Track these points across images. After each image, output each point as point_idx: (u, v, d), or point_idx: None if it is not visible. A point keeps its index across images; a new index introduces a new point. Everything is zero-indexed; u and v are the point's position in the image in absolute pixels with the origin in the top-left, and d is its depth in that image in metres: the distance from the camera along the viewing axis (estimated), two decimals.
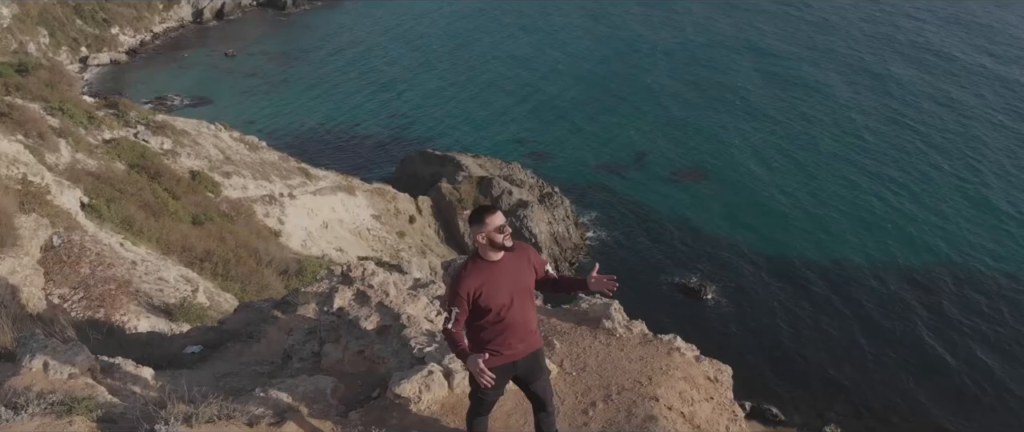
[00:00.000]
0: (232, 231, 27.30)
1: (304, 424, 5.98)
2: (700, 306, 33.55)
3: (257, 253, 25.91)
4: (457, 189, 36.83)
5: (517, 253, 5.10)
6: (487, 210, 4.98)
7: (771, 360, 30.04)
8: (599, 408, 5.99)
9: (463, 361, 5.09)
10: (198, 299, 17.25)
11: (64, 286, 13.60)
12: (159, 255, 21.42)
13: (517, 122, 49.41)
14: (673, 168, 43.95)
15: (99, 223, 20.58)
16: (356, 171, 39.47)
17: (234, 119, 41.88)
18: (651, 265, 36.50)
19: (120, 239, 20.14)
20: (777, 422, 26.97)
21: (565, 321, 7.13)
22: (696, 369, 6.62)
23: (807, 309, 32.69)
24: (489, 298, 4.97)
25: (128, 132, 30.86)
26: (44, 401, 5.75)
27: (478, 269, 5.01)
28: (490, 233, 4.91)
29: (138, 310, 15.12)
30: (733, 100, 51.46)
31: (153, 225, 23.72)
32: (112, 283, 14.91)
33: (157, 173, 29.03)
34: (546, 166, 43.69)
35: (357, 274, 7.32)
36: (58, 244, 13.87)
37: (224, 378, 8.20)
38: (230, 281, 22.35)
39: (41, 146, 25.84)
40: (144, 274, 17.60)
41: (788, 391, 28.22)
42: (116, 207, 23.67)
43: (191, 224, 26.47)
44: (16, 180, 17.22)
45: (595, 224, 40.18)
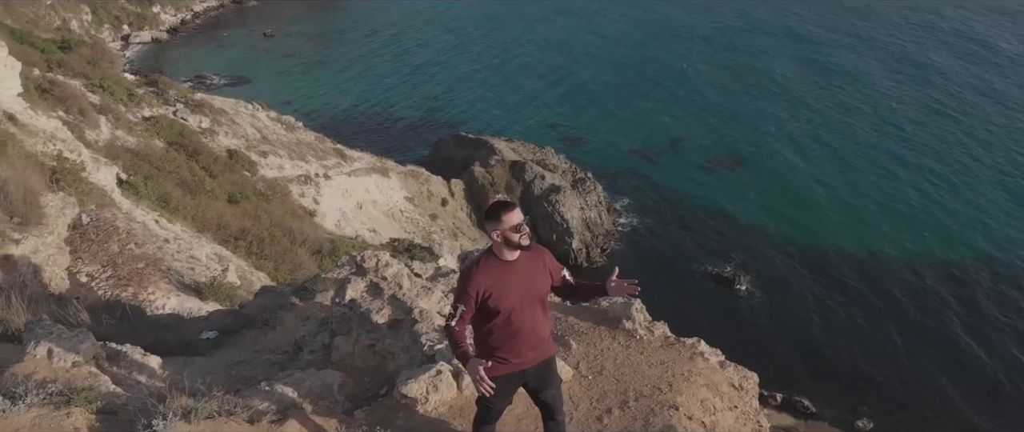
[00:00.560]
0: (267, 210, 27.29)
1: (307, 422, 5.69)
2: (733, 296, 32.94)
3: (291, 232, 25.86)
4: (490, 173, 36.49)
5: (533, 255, 4.74)
6: (504, 206, 4.61)
7: (803, 352, 29.41)
8: (615, 415, 5.62)
9: (463, 365, 4.71)
10: (228, 278, 17.12)
11: (92, 264, 13.51)
12: (194, 233, 21.40)
13: (550, 106, 48.86)
14: (708, 155, 43.15)
15: (136, 200, 20.58)
16: (390, 153, 39.29)
17: (271, 99, 41.90)
18: (683, 253, 35.92)
19: (155, 216, 20.12)
20: (808, 415, 26.43)
21: (583, 320, 6.76)
22: (720, 375, 6.21)
23: (840, 302, 31.91)
24: (499, 299, 4.61)
25: (167, 110, 30.95)
26: (43, 391, 5.52)
27: (490, 267, 4.65)
28: (506, 231, 4.56)
29: (169, 288, 15.01)
30: (770, 87, 50.38)
31: (189, 203, 23.73)
32: (141, 261, 14.80)
33: (195, 151, 29.08)
34: (579, 151, 43.14)
35: (371, 265, 7.00)
36: (87, 222, 13.77)
37: (237, 366, 7.97)
38: (264, 260, 22.30)
39: (82, 123, 25.95)
40: (176, 252, 17.50)
41: (820, 384, 27.59)
42: (153, 184, 23.70)
43: (227, 202, 26.48)
44: (52, 156, 17.19)
45: (628, 210, 39.61)
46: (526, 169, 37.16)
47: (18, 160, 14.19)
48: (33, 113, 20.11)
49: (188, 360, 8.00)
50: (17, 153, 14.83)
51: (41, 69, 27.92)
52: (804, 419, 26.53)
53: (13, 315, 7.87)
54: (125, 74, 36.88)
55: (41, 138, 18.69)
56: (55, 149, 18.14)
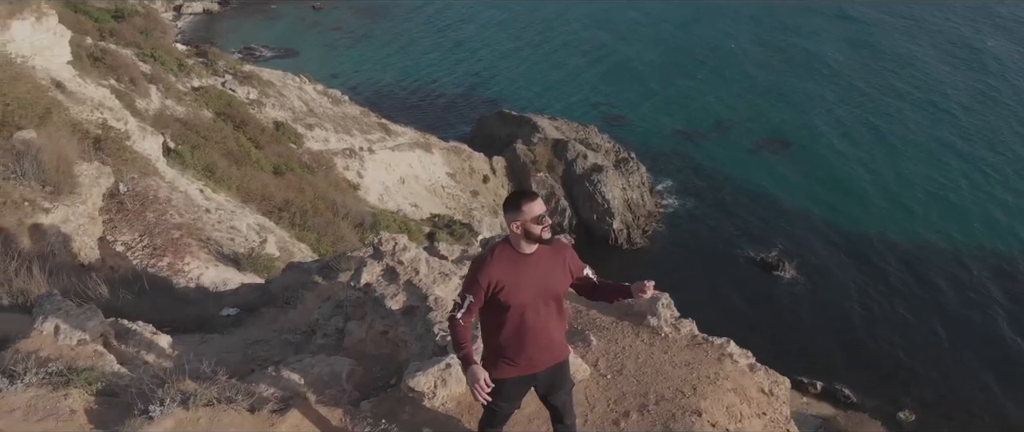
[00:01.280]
0: (311, 182, 27.28)
1: (309, 412, 5.38)
2: (775, 282, 32.14)
3: (334, 205, 25.82)
4: (532, 151, 35.98)
5: (553, 250, 4.31)
6: (525, 196, 4.20)
7: (845, 341, 28.59)
8: (632, 419, 5.19)
9: (462, 369, 4.31)
10: (267, 249, 17.02)
11: (128, 234, 13.42)
12: (238, 203, 21.39)
13: (593, 85, 47.97)
14: (754, 137, 42.04)
15: (181, 169, 20.59)
16: (432, 128, 38.95)
17: (318, 72, 41.80)
18: (726, 237, 35.12)
19: (200, 186, 20.11)
20: (849, 404, 25.71)
21: (606, 314, 6.31)
22: (749, 379, 5.74)
23: (884, 291, 30.93)
24: (510, 293, 4.20)
25: (216, 81, 31.03)
26: (43, 370, 5.29)
27: (505, 258, 4.23)
28: (526, 223, 4.14)
29: (207, 258, 14.92)
30: (820, 69, 48.81)
31: (234, 173, 23.75)
32: (179, 231, 14.69)
33: (242, 122, 29.14)
34: (623, 130, 42.31)
35: (388, 248, 6.65)
36: (124, 191, 13.67)
37: (254, 345, 7.71)
38: (307, 231, 22.26)
39: (133, 91, 26.10)
40: (217, 222, 17.43)
41: (861, 374, 26.81)
42: (199, 154, 23.74)
43: (272, 173, 26.50)
44: (96, 125, 17.16)
45: (671, 192, 38.83)
46: (568, 147, 36.57)
47: (60, 128, 14.15)
48: (82, 81, 20.16)
49: (205, 337, 7.77)
50: (62, 121, 14.78)
51: (94, 38, 28.12)
52: (844, 409, 25.82)
53: (33, 286, 7.70)
54: (176, 44, 37.04)
55: (88, 106, 18.69)
56: (101, 117, 18.11)
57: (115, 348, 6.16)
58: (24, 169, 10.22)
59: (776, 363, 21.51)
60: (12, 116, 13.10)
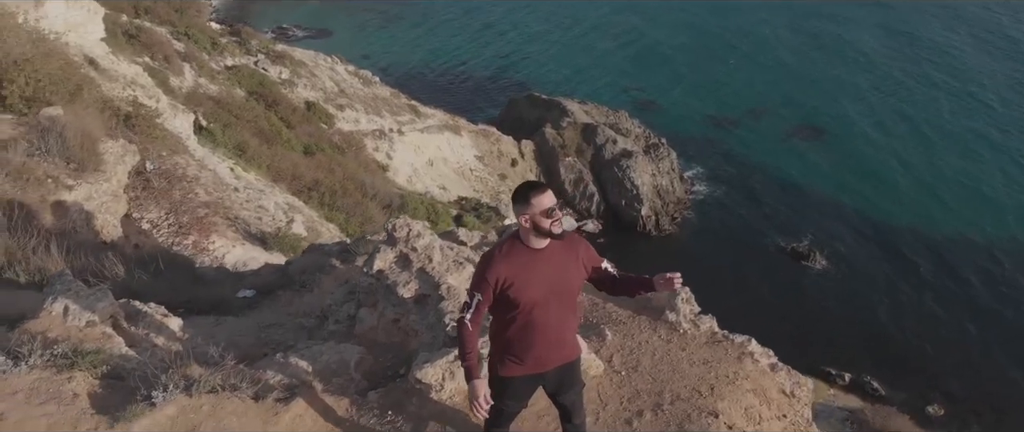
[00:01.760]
0: (341, 163, 27.27)
1: (315, 402, 5.22)
2: (805, 272, 31.62)
3: (363, 186, 25.81)
4: (561, 135, 35.66)
5: (567, 245, 4.05)
6: (534, 188, 3.92)
7: (875, 333, 28.10)
8: (646, 419, 4.97)
9: (466, 379, 4.11)
10: (293, 229, 16.99)
11: (154, 212, 13.41)
12: (267, 182, 21.41)
13: (624, 69, 47.39)
14: (786, 125, 41.30)
15: (212, 148, 20.62)
16: (461, 111, 38.75)
17: (349, 52, 41.75)
18: (756, 226, 34.59)
19: (231, 165, 20.12)
20: (877, 397, 25.27)
21: (623, 308, 6.07)
22: (769, 380, 5.48)
23: (915, 285, 30.32)
24: (520, 290, 3.96)
25: (249, 60, 31.08)
26: (49, 352, 5.19)
27: (514, 253, 3.99)
28: (536, 216, 3.87)
29: (235, 237, 14.89)
30: (854, 56, 47.74)
31: (265, 152, 23.80)
32: (205, 209, 14.66)
33: (274, 101, 29.18)
34: (653, 115, 41.78)
35: (402, 234, 6.46)
36: (151, 169, 13.66)
37: (267, 329, 7.58)
38: (336, 211, 22.28)
39: (167, 69, 26.20)
40: (245, 201, 17.41)
41: (890, 367, 26.35)
42: (231, 132, 23.80)
43: (302, 153, 26.53)
44: (127, 102, 17.18)
45: (701, 179, 38.32)
46: (598, 132, 36.19)
47: (90, 105, 14.15)
48: (115, 58, 20.20)
49: (220, 319, 7.66)
50: (93, 98, 14.78)
51: (129, 16, 28.23)
52: (872, 401, 25.37)
53: (51, 264, 7.65)
54: (210, 23, 37.17)
55: (120, 83, 18.72)
56: (132, 95, 18.14)
57: (125, 330, 6.06)
58: (49, 146, 10.19)
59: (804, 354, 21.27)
60: (43, 92, 13.10)
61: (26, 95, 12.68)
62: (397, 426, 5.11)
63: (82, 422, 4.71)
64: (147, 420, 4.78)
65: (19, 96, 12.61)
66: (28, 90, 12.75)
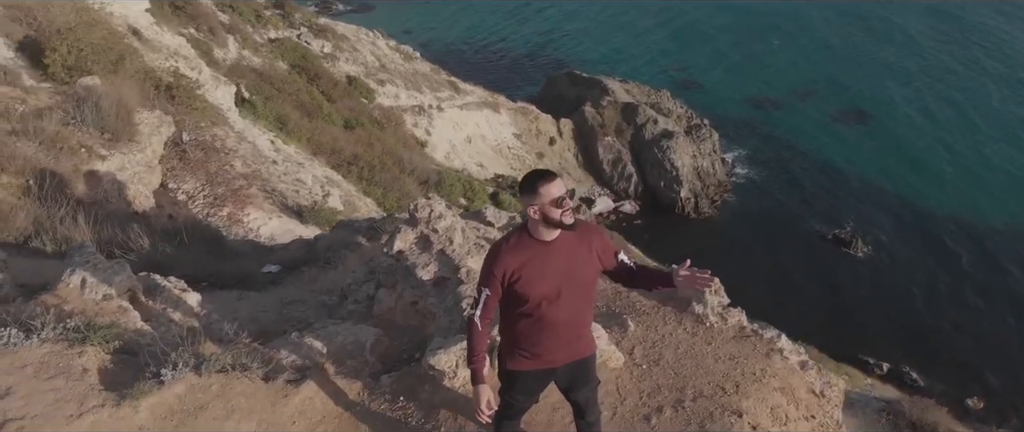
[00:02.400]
0: (380, 138, 27.24)
1: (326, 384, 5.07)
2: (847, 258, 30.89)
3: (401, 161, 25.77)
4: (600, 113, 35.14)
5: (579, 235, 3.77)
6: (542, 176, 3.65)
7: (915, 323, 27.38)
8: (665, 416, 4.72)
9: (472, 382, 3.94)
10: (330, 203, 16.96)
11: (190, 182, 13.42)
12: (307, 155, 21.44)
13: (665, 47, 46.47)
14: (831, 108, 40.24)
15: (253, 120, 20.66)
16: (500, 88, 38.36)
17: (391, 27, 41.57)
18: (798, 210, 33.84)
19: (271, 137, 20.15)
20: (915, 388, 24.63)
21: (648, 298, 5.81)
22: (798, 378, 5.18)
23: (958, 276, 29.44)
24: (529, 284, 3.72)
25: (292, 33, 31.09)
26: (61, 325, 5.11)
27: (522, 246, 3.74)
28: (545, 207, 3.61)
29: (271, 209, 14.89)
30: (902, 40, 46.23)
31: (306, 125, 23.83)
32: (242, 181, 14.67)
33: (316, 75, 29.19)
34: (695, 95, 40.98)
35: (423, 215, 6.27)
36: (188, 140, 13.65)
37: (289, 306, 7.48)
38: (374, 186, 22.26)
39: (211, 41, 26.31)
40: (283, 174, 17.42)
41: (930, 358, 25.68)
42: (272, 105, 23.85)
43: (342, 128, 26.54)
44: (169, 73, 17.24)
45: (743, 161, 37.56)
46: (639, 111, 35.60)
47: (132, 75, 14.18)
48: (159, 29, 20.28)
49: (243, 294, 7.57)
50: (135, 68, 14.82)
51: None
52: (909, 392, 24.71)
53: (77, 234, 7.61)
54: None
55: (163, 54, 18.79)
56: (174, 66, 18.19)
57: (142, 304, 5.97)
58: (84, 115, 10.18)
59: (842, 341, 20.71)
60: (85, 62, 13.14)
61: (68, 64, 12.73)
62: (408, 413, 4.95)
63: (89, 398, 4.62)
64: (154, 398, 4.68)
65: (61, 65, 12.67)
66: (70, 59, 12.81)
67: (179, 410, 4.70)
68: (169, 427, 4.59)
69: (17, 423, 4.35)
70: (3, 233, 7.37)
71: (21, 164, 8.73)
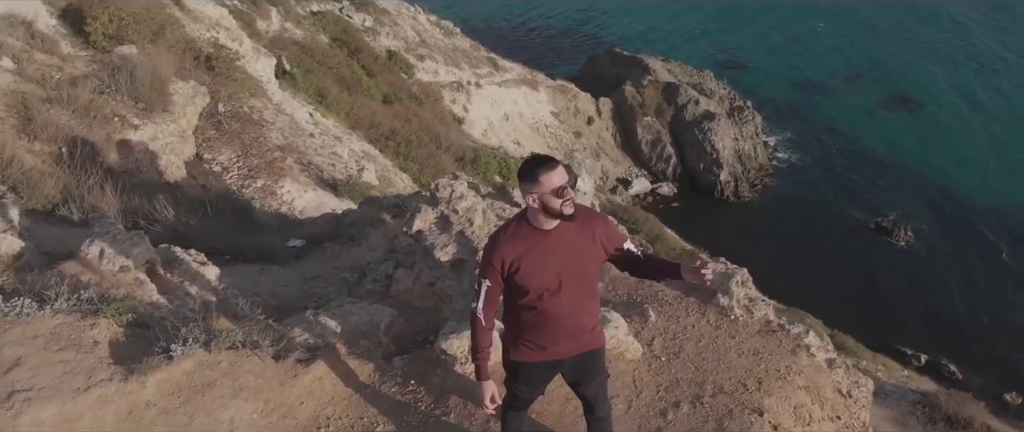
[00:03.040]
0: (418, 113, 27.14)
1: (337, 365, 4.96)
2: (889, 247, 30.18)
3: (438, 137, 25.65)
4: (640, 93, 34.59)
5: (581, 224, 3.54)
6: (542, 163, 3.43)
7: (955, 315, 26.71)
8: (683, 412, 4.52)
9: (476, 377, 3.81)
10: (364, 178, 16.92)
11: (224, 153, 13.44)
12: (345, 129, 21.44)
13: (708, 27, 45.48)
14: (876, 94, 39.13)
15: (293, 92, 20.69)
16: (540, 65, 37.88)
17: (432, 3, 41.28)
18: (840, 197, 33.07)
19: (310, 110, 20.17)
20: (953, 381, 24.03)
21: (672, 287, 5.59)
22: (825, 377, 4.94)
23: (999, 271, 28.68)
24: (528, 275, 3.52)
25: (334, 6, 31.05)
26: (75, 296, 5.06)
27: (521, 235, 3.54)
28: (545, 196, 3.39)
29: (307, 182, 14.88)
30: (952, 26, 44.68)
31: (345, 99, 23.83)
32: (276, 153, 14.66)
33: (356, 49, 29.14)
34: (740, 77, 40.09)
35: (444, 194, 6.11)
36: (223, 111, 13.65)
37: (311, 281, 7.41)
38: (410, 161, 22.21)
39: (253, 12, 26.36)
40: (319, 147, 17.40)
41: (968, 351, 25.04)
42: (312, 78, 23.86)
43: (381, 102, 26.48)
44: (209, 43, 17.27)
45: (786, 145, 36.77)
46: (680, 92, 34.96)
47: (173, 45, 14.21)
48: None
49: (265, 268, 7.51)
50: (175, 38, 14.85)
51: None
52: (946, 385, 24.16)
53: (105, 203, 7.61)
54: None
55: (204, 25, 18.82)
56: (214, 36, 18.22)
57: (160, 277, 5.91)
58: (118, 84, 10.19)
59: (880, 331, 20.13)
60: (125, 31, 13.18)
61: (109, 33, 12.77)
62: (418, 397, 4.82)
63: (98, 371, 4.56)
64: (162, 374, 4.61)
65: (102, 33, 12.72)
66: (111, 28, 12.84)
67: (187, 386, 4.63)
68: (175, 403, 4.52)
69: (24, 394, 4.31)
70: (32, 200, 7.39)
71: (54, 132, 8.76)
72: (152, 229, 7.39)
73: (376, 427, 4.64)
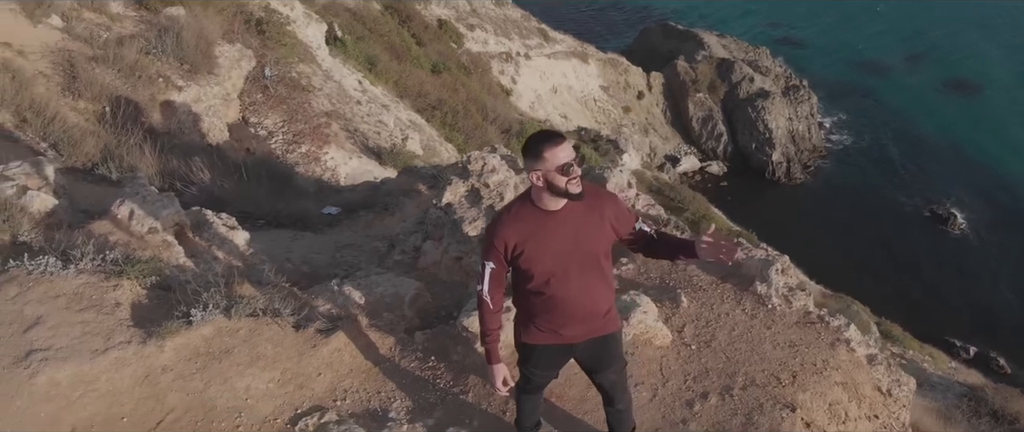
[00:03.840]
0: (466, 84, 27.01)
1: (358, 337, 4.84)
2: (942, 236, 29.23)
3: (485, 108, 25.49)
4: (693, 69, 33.82)
5: (589, 203, 3.29)
6: (547, 139, 3.19)
7: (1008, 309, 25.85)
8: (710, 403, 4.29)
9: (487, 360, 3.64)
10: (408, 146, 16.85)
11: (269, 118, 13.44)
12: (393, 97, 21.38)
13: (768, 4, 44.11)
14: (937, 78, 37.68)
15: (343, 59, 20.66)
16: (590, 38, 37.23)
17: None
18: (896, 182, 32.07)
19: (359, 77, 20.14)
20: (1001, 375, 23.26)
21: (707, 273, 5.32)
22: (864, 374, 4.65)
23: None
24: (533, 259, 3.32)
25: None
26: (100, 256, 5.02)
27: (524, 216, 3.31)
28: (549, 173, 3.15)
29: (352, 149, 14.86)
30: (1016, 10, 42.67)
31: (394, 68, 23.78)
32: (323, 119, 14.65)
33: (408, 17, 29.01)
34: (798, 55, 38.99)
35: (476, 167, 5.92)
36: (270, 76, 13.64)
37: (343, 249, 7.31)
38: (455, 132, 22.12)
39: None
40: (366, 115, 17.36)
41: (1020, 345, 24.15)
42: (362, 45, 23.82)
43: (430, 71, 26.37)
44: (260, 7, 17.26)
45: (842, 127, 35.73)
46: (734, 68, 34.11)
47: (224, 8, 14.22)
48: None
49: (298, 235, 7.44)
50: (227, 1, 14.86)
51: None
52: (995, 379, 23.37)
53: (143, 164, 7.60)
54: None
55: None
56: (266, 1, 18.20)
57: (189, 240, 5.86)
58: (164, 45, 10.19)
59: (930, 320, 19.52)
60: None
61: None
62: (438, 373, 4.68)
63: (116, 334, 4.51)
64: (180, 339, 4.54)
65: None
66: None
67: (204, 352, 4.56)
68: (192, 369, 4.45)
69: (41, 354, 4.27)
70: (72, 158, 7.41)
71: (98, 90, 8.78)
72: (188, 191, 7.37)
73: (393, 402, 4.52)
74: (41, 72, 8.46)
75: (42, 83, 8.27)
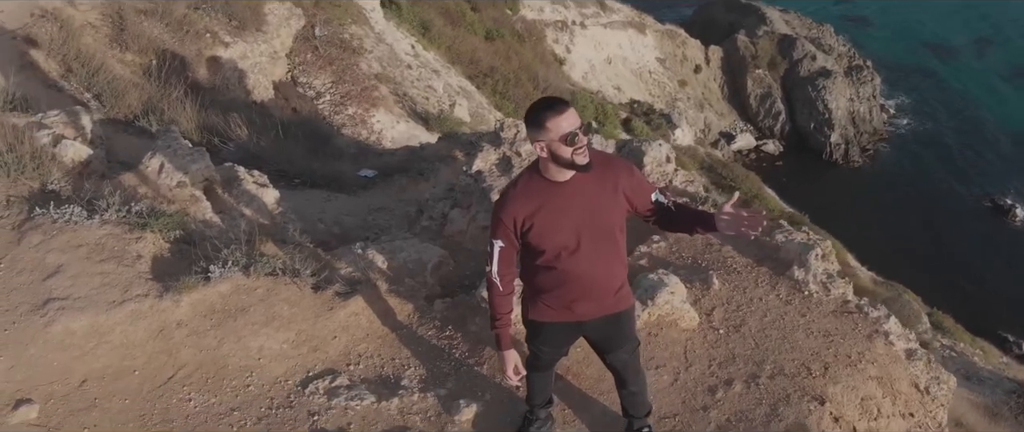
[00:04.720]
0: (519, 51, 26.68)
1: (376, 302, 4.73)
2: (1003, 228, 28.08)
3: (536, 78, 25.17)
4: (754, 44, 32.83)
5: (599, 174, 3.09)
6: (551, 106, 2.98)
7: None
8: (734, 391, 4.07)
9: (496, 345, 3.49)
10: (455, 113, 16.71)
11: (318, 78, 13.42)
12: (445, 63, 21.25)
13: None
14: (1005, 64, 36.00)
15: (397, 23, 20.54)
16: (648, 8, 36.31)
17: None
18: (957, 170, 30.85)
19: (412, 41, 20.01)
20: None
21: (743, 254, 5.05)
22: (901, 369, 4.37)
23: None
24: (543, 234, 3.13)
25: None
26: (126, 208, 4.99)
27: (532, 190, 3.13)
28: (553, 143, 2.96)
29: (400, 113, 14.79)
30: None
31: (448, 33, 23.60)
32: (370, 82, 14.57)
33: None
34: (862, 35, 37.57)
35: (508, 135, 5.73)
36: (320, 36, 13.58)
37: (375, 213, 7.21)
38: (506, 100, 21.92)
39: None
40: (416, 79, 17.26)
41: None
42: (417, 10, 23.67)
43: (483, 38, 26.10)
44: None
45: (905, 111, 34.43)
46: (796, 45, 33.03)
47: None
48: None
49: (331, 196, 7.37)
50: None
51: None
52: None
53: (182, 118, 7.59)
54: None
55: None
56: None
57: (217, 195, 5.79)
58: (214, 1, 10.16)
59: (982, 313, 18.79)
60: None
61: None
62: (454, 343, 4.55)
63: (134, 286, 4.47)
64: (197, 294, 4.49)
65: None
66: None
67: (220, 309, 4.50)
68: (206, 326, 4.40)
69: (59, 303, 4.26)
70: (115, 110, 7.43)
71: (145, 43, 8.80)
72: (226, 148, 7.33)
73: (406, 370, 4.40)
74: (90, 23, 8.50)
75: (90, 34, 8.31)
